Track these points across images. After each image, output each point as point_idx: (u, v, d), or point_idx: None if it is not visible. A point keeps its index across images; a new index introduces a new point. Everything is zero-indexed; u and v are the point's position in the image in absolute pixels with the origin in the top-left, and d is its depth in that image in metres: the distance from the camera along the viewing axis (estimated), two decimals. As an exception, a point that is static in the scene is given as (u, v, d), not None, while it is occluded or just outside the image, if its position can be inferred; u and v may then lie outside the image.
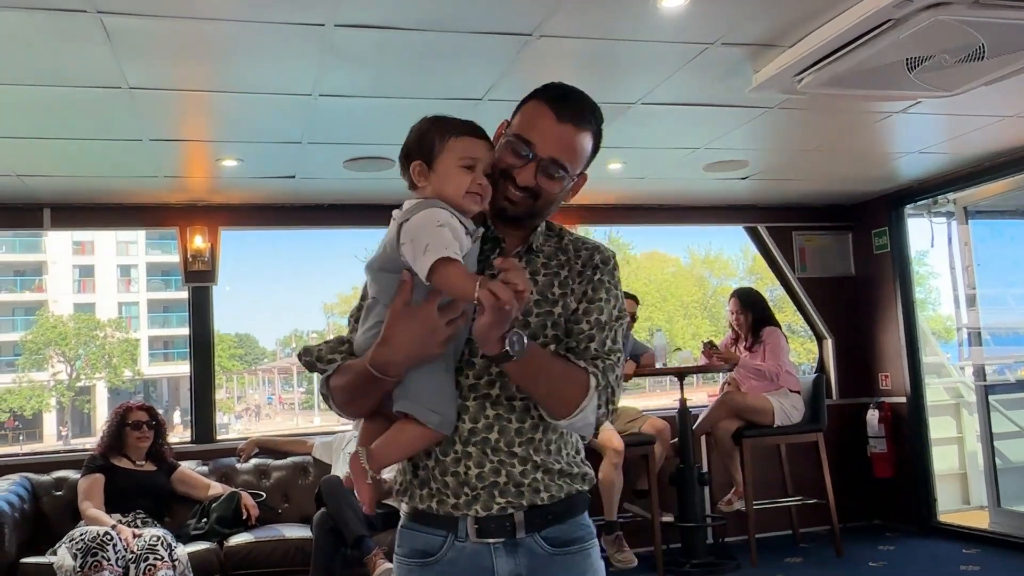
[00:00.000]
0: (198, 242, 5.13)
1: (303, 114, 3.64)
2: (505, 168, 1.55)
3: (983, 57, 3.00)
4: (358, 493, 1.54)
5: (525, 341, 1.40)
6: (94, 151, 4.06)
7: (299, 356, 1.63)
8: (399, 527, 1.62)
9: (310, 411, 32.10)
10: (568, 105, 1.56)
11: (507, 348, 1.38)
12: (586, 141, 1.57)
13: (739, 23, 2.96)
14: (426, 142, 1.54)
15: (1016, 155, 4.96)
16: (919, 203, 5.83)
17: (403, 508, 1.62)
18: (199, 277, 5.18)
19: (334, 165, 4.43)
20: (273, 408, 33.28)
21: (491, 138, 1.59)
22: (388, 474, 1.56)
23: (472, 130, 1.54)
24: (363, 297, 1.61)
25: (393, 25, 2.82)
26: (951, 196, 5.68)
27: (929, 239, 6.03)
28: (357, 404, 1.56)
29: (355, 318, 1.62)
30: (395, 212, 1.52)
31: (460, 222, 1.47)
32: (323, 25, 2.78)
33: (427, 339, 1.43)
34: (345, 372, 1.54)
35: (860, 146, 4.74)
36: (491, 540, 1.52)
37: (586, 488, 1.61)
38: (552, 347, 1.54)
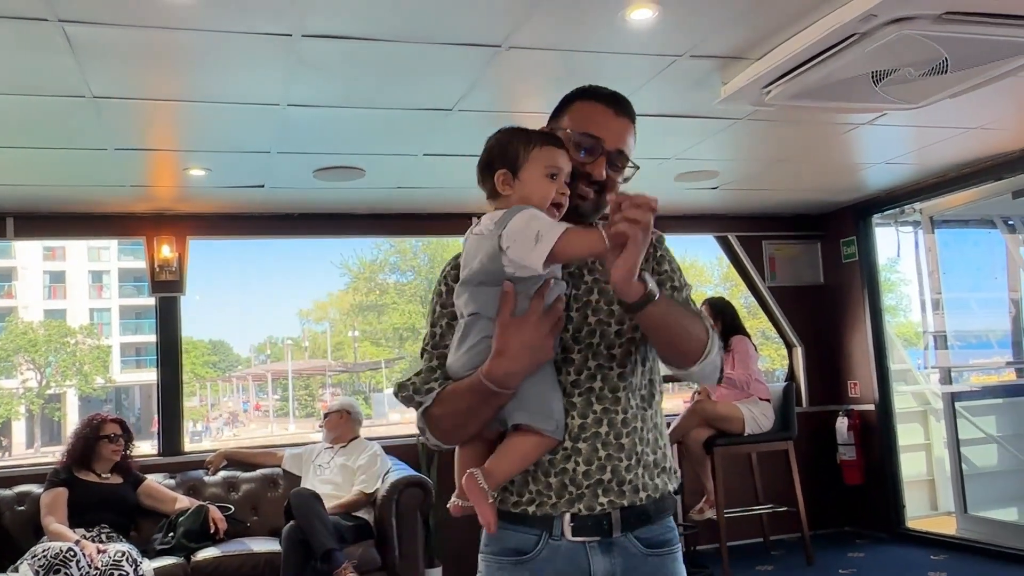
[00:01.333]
0: (165, 252, 5.07)
1: (272, 124, 3.61)
2: (577, 166, 1.59)
3: (946, 71, 3.04)
4: (481, 515, 1.50)
5: (654, 281, 1.44)
6: (58, 160, 3.99)
7: (395, 393, 1.62)
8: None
9: (285, 418, 31.86)
10: (617, 100, 1.65)
11: (649, 287, 1.40)
12: (633, 133, 1.67)
13: (708, 36, 2.97)
14: (511, 151, 1.56)
15: (979, 166, 5.04)
16: (886, 213, 5.90)
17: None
18: (166, 287, 5.12)
19: (303, 175, 4.40)
20: (248, 415, 32.99)
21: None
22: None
23: (555, 141, 1.57)
24: (434, 324, 1.62)
25: (361, 36, 2.80)
26: (917, 206, 5.76)
27: (896, 248, 6.12)
28: (467, 428, 1.54)
29: (432, 345, 1.61)
30: (475, 228, 1.53)
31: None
32: (291, 35, 2.76)
33: (541, 344, 1.46)
34: (449, 398, 1.53)
35: (828, 157, 4.79)
36: (587, 539, 1.52)
37: (676, 485, 1.63)
38: (637, 333, 1.57)
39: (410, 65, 3.08)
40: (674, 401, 6.89)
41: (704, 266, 30.35)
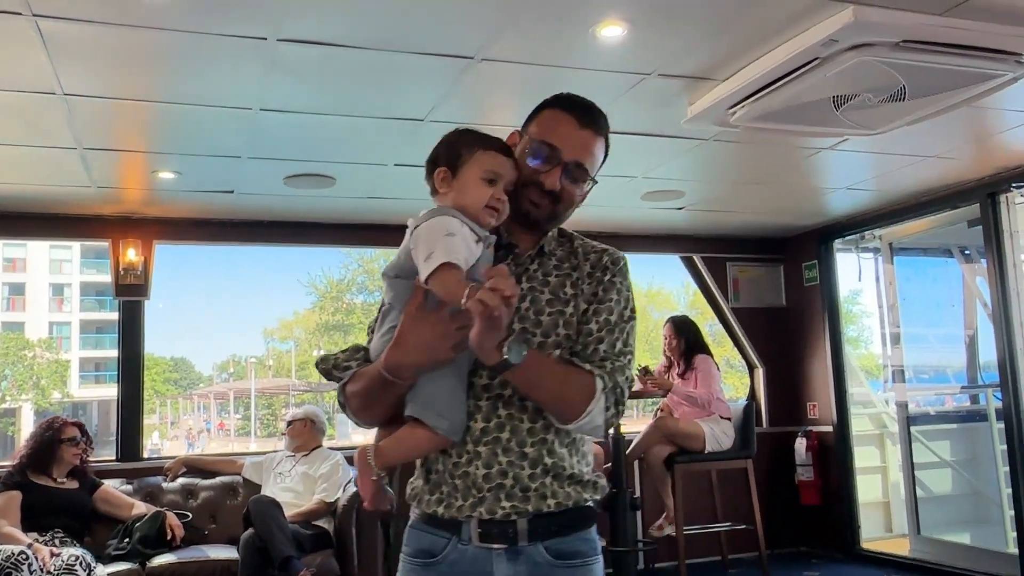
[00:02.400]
0: (131, 255, 5.04)
1: (244, 128, 3.62)
2: (529, 174, 1.59)
3: (904, 98, 3.15)
4: (360, 488, 1.58)
5: (524, 350, 1.42)
6: (25, 158, 3.96)
7: (316, 364, 1.66)
8: (407, 527, 1.62)
9: (246, 437, 31.43)
10: (586, 112, 1.62)
11: (505, 356, 1.40)
12: (601, 146, 1.64)
13: (675, 56, 3.05)
14: (454, 151, 1.57)
15: (937, 194, 5.18)
16: (847, 238, 6.04)
17: (412, 512, 1.63)
18: (131, 291, 5.08)
19: (274, 181, 4.41)
20: (211, 434, 32.51)
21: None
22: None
23: (501, 147, 1.58)
24: (380, 307, 1.64)
25: (336, 42, 2.84)
26: (877, 232, 5.90)
27: (857, 273, 6.25)
28: (372, 410, 1.58)
29: (370, 328, 1.65)
30: (410, 220, 1.54)
31: (472, 230, 1.50)
32: (266, 39, 2.79)
33: (438, 343, 1.46)
34: (360, 378, 1.57)
35: (791, 180, 4.90)
36: (493, 545, 1.52)
37: (597, 498, 1.60)
38: (562, 348, 1.56)
39: (384, 73, 3.12)
40: (641, 426, 6.96)
41: (671, 293, 30.64)
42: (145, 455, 5.19)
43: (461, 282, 1.39)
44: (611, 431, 5.02)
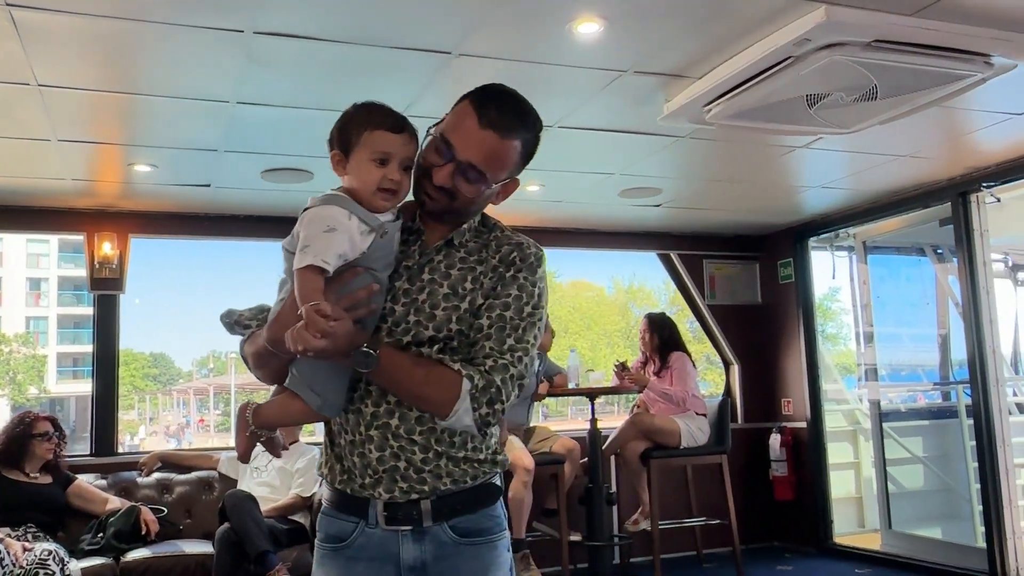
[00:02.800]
0: (106, 249, 5.00)
1: (220, 121, 3.61)
2: (426, 166, 1.56)
3: (876, 97, 3.19)
4: (236, 442, 1.65)
5: (373, 355, 1.44)
6: (-2, 149, 3.93)
7: (221, 317, 1.68)
8: (320, 514, 1.65)
9: (226, 433, 31.22)
10: (494, 111, 1.53)
11: (354, 365, 1.45)
12: (509, 149, 1.55)
13: (651, 53, 3.08)
14: (345, 133, 1.55)
15: (910, 193, 5.25)
16: (822, 236, 6.10)
17: (323, 494, 1.66)
18: (106, 285, 5.05)
19: (251, 175, 4.39)
20: (191, 429, 32.30)
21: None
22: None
23: (390, 124, 1.52)
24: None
25: (313, 36, 2.84)
26: (851, 231, 5.98)
27: (831, 271, 6.32)
28: (264, 370, 1.61)
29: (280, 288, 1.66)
30: (310, 199, 1.54)
31: (361, 219, 1.48)
32: (242, 31, 2.78)
33: None
34: (255, 339, 1.59)
35: (766, 178, 4.95)
36: (399, 528, 1.54)
37: (497, 473, 1.61)
38: (453, 343, 1.55)
39: (361, 67, 3.12)
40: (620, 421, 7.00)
41: (652, 290, 30.83)
42: (123, 451, 5.16)
43: (315, 290, 1.41)
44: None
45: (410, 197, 1.61)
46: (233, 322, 1.65)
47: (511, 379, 1.52)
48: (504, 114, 1.55)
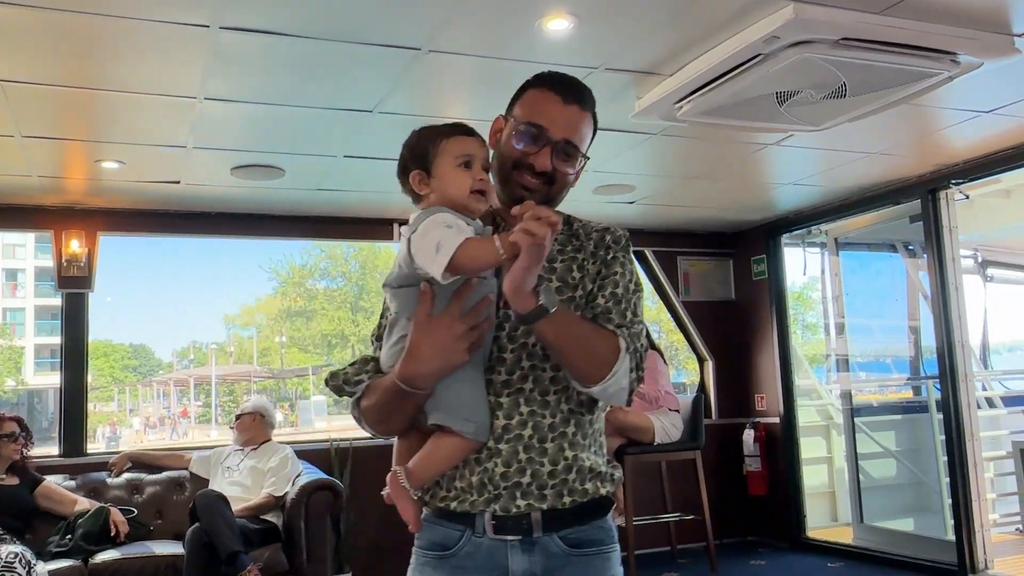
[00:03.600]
0: (74, 247, 4.93)
1: (188, 117, 3.57)
2: (519, 157, 1.55)
3: (845, 95, 3.21)
4: (402, 513, 1.53)
5: (554, 295, 1.40)
6: (-39, 146, 3.86)
7: (326, 382, 1.61)
8: (420, 520, 1.59)
9: (206, 424, 30.97)
10: (570, 88, 1.58)
11: (541, 300, 1.37)
12: (588, 122, 1.59)
13: (622, 50, 3.08)
14: (419, 150, 1.55)
15: (880, 190, 5.30)
16: (794, 233, 6.14)
17: (424, 508, 1.59)
18: (74, 283, 4.98)
19: (221, 172, 4.35)
20: (174, 420, 32.00)
21: (485, 135, 1.60)
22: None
23: (462, 129, 1.55)
24: (383, 315, 1.60)
25: (280, 31, 2.81)
26: (823, 227, 6.02)
27: (803, 268, 6.37)
28: (390, 422, 1.54)
29: (377, 336, 1.61)
30: (402, 228, 1.52)
31: (466, 224, 1.46)
32: (208, 27, 2.75)
33: (453, 347, 1.43)
34: (374, 391, 1.53)
35: (739, 175, 4.97)
36: (508, 537, 1.50)
37: (611, 490, 1.57)
38: None
39: (330, 64, 3.09)
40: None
41: (628, 285, 30.96)
42: (99, 448, 5.08)
43: (486, 240, 1.38)
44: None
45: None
46: (341, 383, 1.58)
47: (642, 348, 1.52)
48: (579, 90, 1.59)
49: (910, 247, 6.18)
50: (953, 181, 4.88)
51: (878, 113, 3.48)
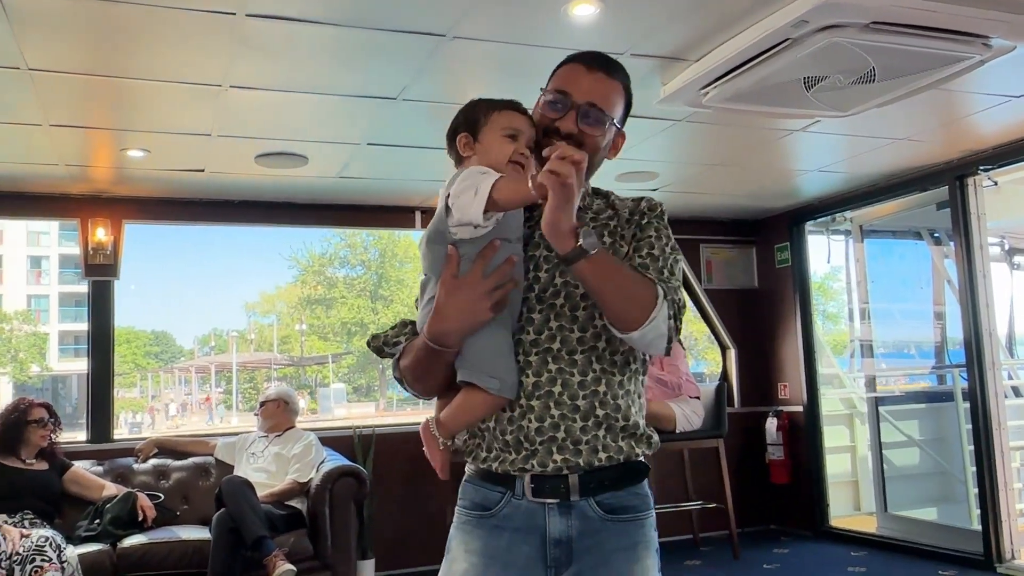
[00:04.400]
0: (100, 235, 4.97)
1: (213, 105, 3.58)
2: (547, 124, 1.60)
3: (874, 80, 3.18)
4: (431, 459, 1.62)
5: (595, 237, 1.43)
6: (-10, 135, 3.90)
7: (368, 343, 1.70)
8: (463, 482, 1.64)
9: (228, 411, 31.27)
10: (597, 57, 1.63)
11: (581, 241, 1.40)
12: (617, 91, 1.63)
13: (648, 35, 3.05)
14: (471, 116, 1.62)
15: (906, 177, 5.23)
16: (819, 220, 6.09)
17: (468, 468, 1.66)
18: (100, 271, 5.02)
19: (245, 160, 4.36)
20: (195, 407, 32.36)
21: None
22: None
23: (515, 106, 1.62)
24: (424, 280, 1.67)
25: (305, 18, 2.81)
26: (848, 214, 5.96)
27: (827, 256, 6.32)
28: (427, 381, 1.61)
29: (416, 300, 1.67)
30: (440, 190, 1.57)
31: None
32: (234, 14, 2.75)
33: (477, 305, 1.48)
34: (411, 351, 1.60)
35: (764, 162, 4.92)
36: (547, 500, 1.54)
37: (648, 453, 1.60)
38: None
39: (355, 51, 3.09)
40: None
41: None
42: (125, 434, 5.14)
43: (517, 177, 1.44)
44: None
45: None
46: (380, 345, 1.66)
47: (679, 302, 1.54)
48: (606, 59, 1.65)
49: (935, 234, 6.12)
50: (981, 167, 4.81)
51: (907, 98, 3.44)
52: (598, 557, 1.54)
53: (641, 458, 1.60)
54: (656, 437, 1.62)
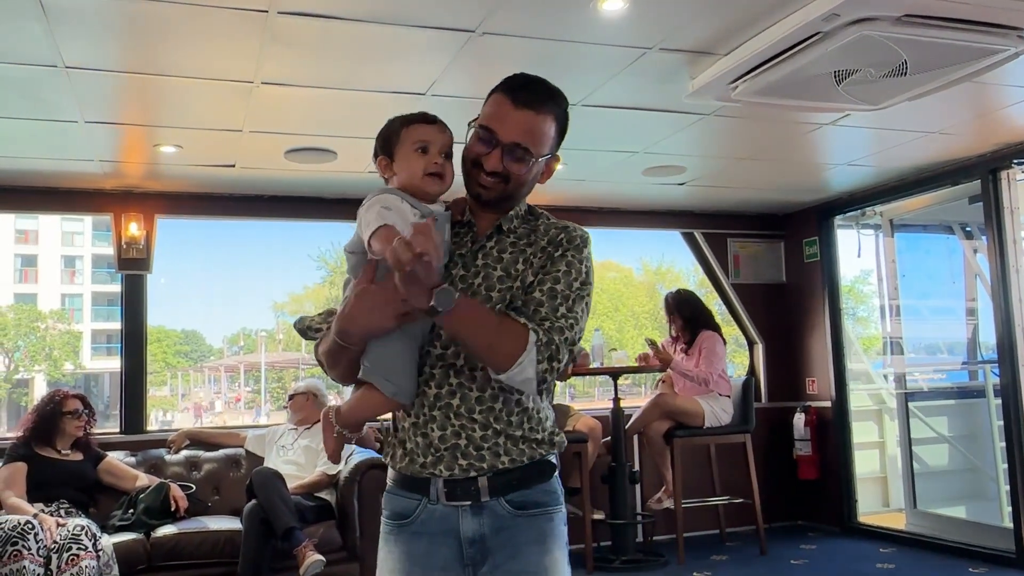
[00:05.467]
0: (133, 229, 5.05)
1: (244, 101, 3.62)
2: (475, 157, 1.66)
3: (905, 73, 3.14)
4: (324, 444, 1.76)
5: (455, 295, 1.49)
6: (26, 131, 3.96)
7: (294, 324, 1.86)
8: (385, 492, 1.74)
9: (255, 410, 31.54)
10: (525, 92, 1.65)
11: (433, 302, 1.48)
12: (545, 124, 1.66)
13: (677, 29, 3.04)
14: (385, 137, 1.72)
15: (937, 171, 5.18)
16: (848, 214, 6.03)
17: (388, 474, 1.76)
18: (133, 265, 5.10)
19: (275, 155, 4.41)
20: (228, 406, 32.72)
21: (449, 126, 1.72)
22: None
23: (421, 118, 1.70)
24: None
25: (336, 15, 2.84)
26: (878, 209, 5.90)
27: (857, 250, 6.26)
28: (337, 368, 1.70)
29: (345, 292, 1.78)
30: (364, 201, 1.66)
31: (413, 206, 1.61)
32: (266, 12, 2.78)
33: (381, 311, 1.56)
34: (324, 340, 1.70)
35: (792, 156, 4.89)
36: (459, 503, 1.64)
37: (553, 452, 1.69)
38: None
39: (384, 47, 3.11)
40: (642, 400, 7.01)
41: (680, 271, 30.70)
42: (155, 428, 5.22)
43: (389, 237, 1.49)
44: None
45: (461, 193, 1.72)
46: (305, 327, 1.80)
47: (565, 342, 1.60)
48: (534, 92, 1.66)
49: (967, 228, 6.04)
50: (1015, 161, 4.75)
51: (939, 92, 3.41)
52: (510, 550, 1.64)
53: (549, 457, 1.69)
54: (560, 437, 1.71)
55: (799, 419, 6.06)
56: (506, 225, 1.70)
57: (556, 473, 1.71)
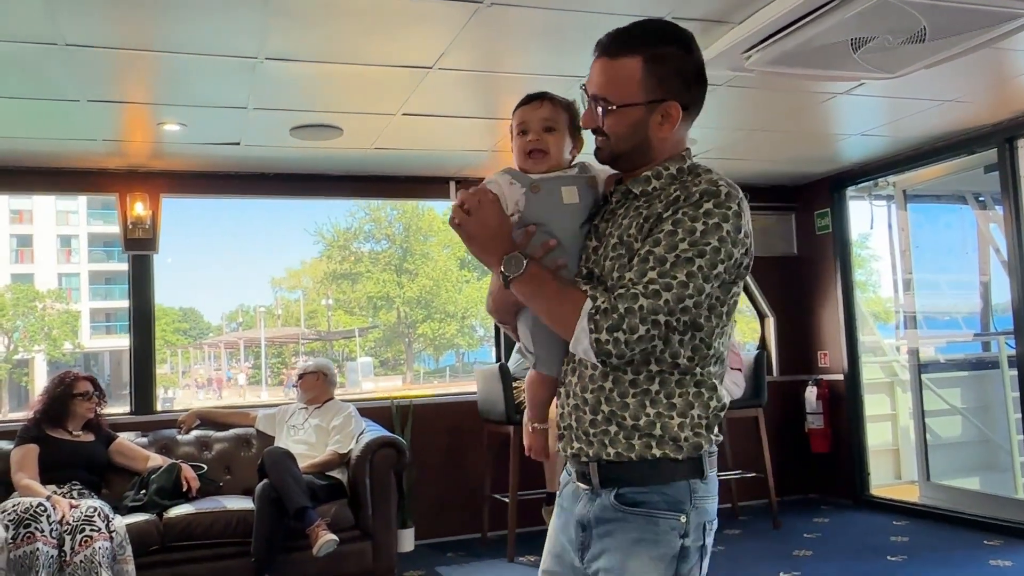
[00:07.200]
0: (139, 209, 5.01)
1: (248, 78, 3.56)
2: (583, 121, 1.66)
3: (924, 39, 3.07)
4: (527, 445, 1.85)
5: (523, 262, 1.53)
6: (29, 111, 3.91)
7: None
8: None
9: (257, 386, 31.71)
10: (605, 40, 1.58)
11: (502, 268, 1.55)
12: (625, 69, 1.53)
13: (689, -2, 2.97)
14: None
15: (952, 140, 5.09)
16: (860, 185, 5.96)
17: None
18: (139, 245, 5.06)
19: (280, 132, 4.35)
20: (231, 383, 32.91)
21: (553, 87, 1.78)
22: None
23: (523, 101, 1.74)
24: None
25: (342, -13, 2.77)
26: (891, 179, 5.83)
27: (869, 221, 6.20)
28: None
29: None
30: None
31: (513, 178, 1.65)
32: (269, -15, 2.72)
33: (495, 293, 1.67)
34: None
35: (805, 126, 4.81)
36: (582, 485, 1.63)
37: (677, 456, 1.52)
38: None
39: (390, 19, 3.05)
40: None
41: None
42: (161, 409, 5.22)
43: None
44: None
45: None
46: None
47: (639, 311, 1.43)
48: (613, 38, 1.57)
49: (980, 198, 5.97)
50: (1032, 129, 4.67)
51: (957, 59, 3.33)
52: (607, 544, 1.57)
53: (664, 457, 1.51)
54: (700, 441, 1.54)
55: (811, 392, 6.03)
56: (637, 188, 1.57)
57: (675, 477, 1.53)
